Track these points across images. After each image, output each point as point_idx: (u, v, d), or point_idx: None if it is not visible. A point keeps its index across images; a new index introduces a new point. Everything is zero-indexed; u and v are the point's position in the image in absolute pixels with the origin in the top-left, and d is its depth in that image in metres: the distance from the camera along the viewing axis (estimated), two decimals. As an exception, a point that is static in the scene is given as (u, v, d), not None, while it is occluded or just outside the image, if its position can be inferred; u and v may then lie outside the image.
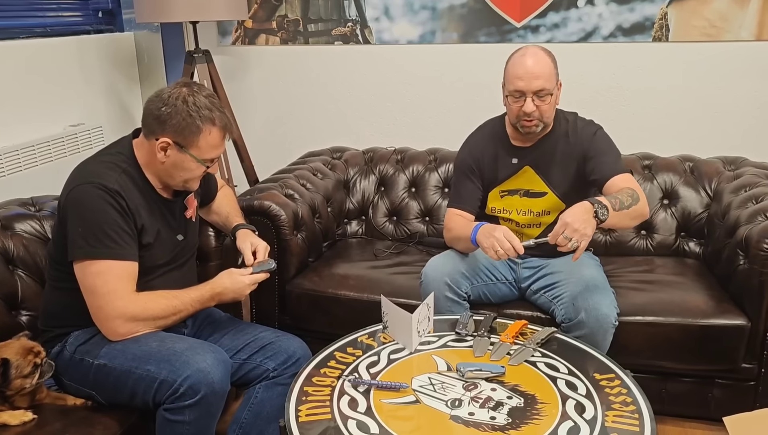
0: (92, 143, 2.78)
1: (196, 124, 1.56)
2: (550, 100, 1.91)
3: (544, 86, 1.87)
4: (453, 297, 1.92)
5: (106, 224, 1.52)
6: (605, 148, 1.95)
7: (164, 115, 1.56)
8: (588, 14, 2.67)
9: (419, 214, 2.66)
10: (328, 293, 2.21)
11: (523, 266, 2.08)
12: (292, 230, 2.27)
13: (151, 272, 1.66)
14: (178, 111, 1.55)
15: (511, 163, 2.04)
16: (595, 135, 1.98)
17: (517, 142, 2.04)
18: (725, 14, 2.53)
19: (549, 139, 2.02)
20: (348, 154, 2.83)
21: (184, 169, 1.61)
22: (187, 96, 1.57)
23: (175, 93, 1.57)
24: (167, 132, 1.57)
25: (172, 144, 1.57)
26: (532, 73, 1.87)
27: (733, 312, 1.95)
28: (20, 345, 1.52)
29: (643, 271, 2.24)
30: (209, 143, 1.59)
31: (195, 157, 1.59)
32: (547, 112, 1.93)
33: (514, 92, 1.91)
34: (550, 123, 1.98)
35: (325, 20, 2.96)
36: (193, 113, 1.55)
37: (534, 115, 1.91)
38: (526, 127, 1.94)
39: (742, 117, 2.62)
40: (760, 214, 2.01)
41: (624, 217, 1.79)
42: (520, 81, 1.88)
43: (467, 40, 2.82)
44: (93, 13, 3.10)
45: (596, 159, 1.94)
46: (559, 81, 1.97)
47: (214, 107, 1.59)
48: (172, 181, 1.64)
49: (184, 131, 1.56)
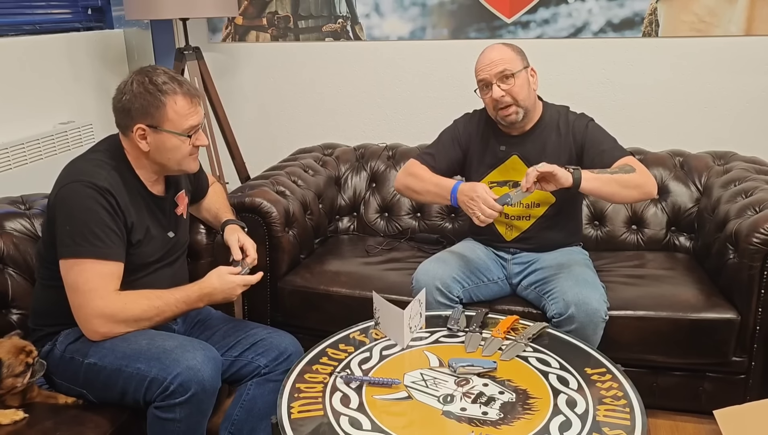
0: (82, 141, 2.76)
1: (158, 99, 1.55)
2: (515, 82, 1.91)
3: (505, 67, 1.90)
4: (445, 302, 1.92)
5: (93, 223, 1.51)
6: (601, 137, 1.96)
7: (126, 103, 1.56)
8: (578, 10, 2.68)
9: (411, 211, 2.66)
10: (320, 290, 2.21)
11: (514, 262, 2.08)
12: (284, 227, 2.26)
13: (142, 269, 1.66)
14: (137, 94, 1.55)
15: (500, 149, 2.04)
16: (587, 126, 1.99)
17: (507, 130, 2.05)
18: (714, 9, 2.54)
19: (539, 130, 2.02)
20: (339, 150, 2.82)
21: (168, 149, 1.59)
22: (141, 78, 1.56)
23: (130, 80, 1.57)
24: (136, 118, 1.56)
25: (146, 128, 1.56)
26: (491, 60, 1.93)
27: (723, 306, 1.96)
28: (12, 344, 1.51)
29: (634, 265, 2.25)
30: (178, 112, 1.57)
31: (172, 131, 1.57)
32: (519, 94, 1.93)
33: (481, 85, 1.96)
34: (529, 108, 1.97)
35: (316, 17, 2.96)
36: (151, 90, 1.54)
37: (505, 101, 1.92)
38: (505, 116, 1.95)
39: (732, 111, 2.63)
40: (750, 209, 2.02)
41: (612, 183, 1.78)
42: (482, 71, 1.94)
43: (457, 36, 2.82)
44: (82, 11, 3.08)
45: (594, 149, 1.95)
46: (531, 67, 1.98)
47: (171, 79, 1.57)
48: (167, 167, 1.63)
49: (150, 109, 1.55)
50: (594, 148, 1.95)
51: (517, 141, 2.04)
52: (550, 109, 2.04)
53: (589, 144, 1.96)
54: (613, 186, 1.80)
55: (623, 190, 1.81)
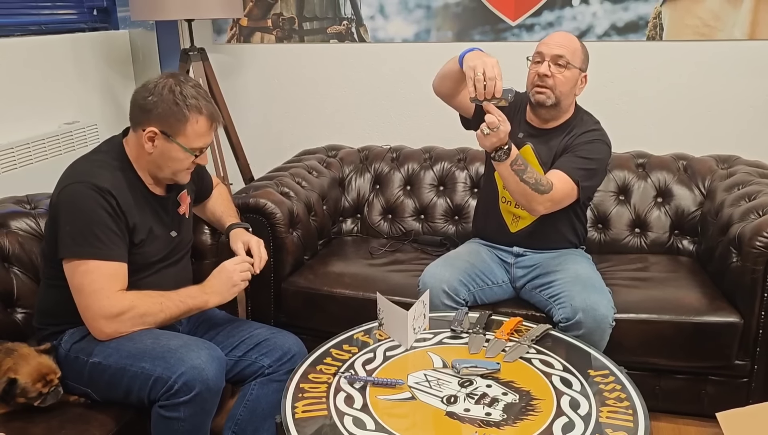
0: (87, 141, 2.78)
1: (182, 112, 1.56)
2: (565, 72, 1.92)
3: (564, 54, 1.92)
4: (451, 304, 1.93)
5: (95, 224, 1.52)
6: (583, 152, 1.93)
7: (150, 104, 1.56)
8: (582, 13, 2.68)
9: (414, 213, 2.67)
10: (324, 291, 2.21)
11: (517, 266, 2.08)
12: (288, 228, 2.27)
13: (146, 269, 1.66)
14: (164, 99, 1.55)
15: (517, 135, 2.04)
16: (589, 141, 1.96)
17: (532, 120, 2.06)
18: (718, 13, 2.54)
19: (559, 132, 2.01)
20: (343, 152, 2.83)
21: (171, 159, 1.60)
22: (174, 85, 1.57)
23: (161, 83, 1.57)
24: (153, 121, 1.57)
25: (158, 133, 1.57)
26: (556, 41, 1.94)
27: (726, 309, 1.96)
28: (37, 367, 1.50)
29: (637, 268, 2.25)
30: (196, 131, 1.59)
31: (182, 145, 1.58)
32: (562, 85, 1.93)
33: (535, 56, 1.97)
34: (562, 104, 1.97)
35: (321, 18, 2.97)
36: (179, 102, 1.55)
37: (547, 82, 1.92)
38: (537, 92, 1.95)
39: (735, 116, 2.63)
40: (753, 212, 2.02)
41: (514, 178, 1.79)
42: (543, 45, 1.96)
43: (462, 38, 2.82)
44: (88, 11, 3.09)
45: (565, 153, 1.95)
46: (586, 74, 1.99)
47: (200, 96, 1.59)
48: (161, 172, 1.64)
49: (170, 119, 1.56)
50: (567, 151, 1.95)
51: (536, 133, 2.04)
52: (578, 117, 2.04)
53: (570, 148, 1.96)
54: (512, 183, 1.81)
55: (517, 188, 1.82)
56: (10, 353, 1.51)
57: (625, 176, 2.49)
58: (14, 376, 1.47)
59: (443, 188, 2.66)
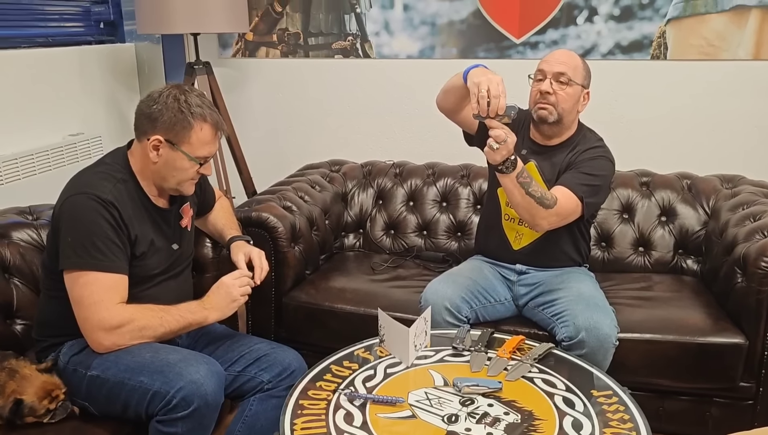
0: (91, 153, 2.78)
1: (187, 120, 1.56)
2: (567, 89, 1.92)
3: (566, 71, 1.92)
4: (453, 322, 1.91)
5: (96, 236, 1.51)
6: (586, 168, 1.92)
7: (155, 112, 1.57)
8: (587, 31, 2.69)
9: (417, 228, 2.66)
10: (325, 306, 2.20)
11: (520, 284, 2.07)
12: (290, 242, 2.26)
13: (147, 282, 1.66)
14: (169, 108, 1.56)
15: (521, 152, 2.03)
16: (592, 157, 1.95)
17: (535, 137, 2.05)
18: (723, 33, 2.55)
19: (562, 149, 2.01)
20: (346, 167, 2.83)
21: (176, 168, 1.60)
22: (178, 94, 1.58)
23: (166, 92, 1.59)
24: (158, 130, 1.57)
25: (163, 142, 1.57)
26: (557, 59, 1.95)
27: (730, 330, 1.94)
28: (42, 385, 1.50)
29: (641, 287, 2.23)
30: (201, 139, 1.59)
31: (187, 154, 1.58)
32: (564, 102, 1.93)
33: (537, 73, 1.97)
34: (565, 121, 1.97)
35: (326, 34, 2.98)
36: (184, 110, 1.56)
37: (549, 99, 1.92)
38: (541, 108, 1.94)
39: (740, 135, 2.63)
40: (758, 232, 2.01)
41: (519, 191, 1.78)
42: (545, 63, 1.96)
43: (466, 55, 2.83)
44: (95, 24, 3.11)
45: (569, 169, 1.95)
46: (588, 91, 1.99)
47: (204, 105, 1.60)
48: (166, 183, 1.64)
49: (175, 127, 1.56)
50: (571, 167, 1.95)
51: (539, 150, 2.04)
52: (581, 134, 2.03)
53: (575, 165, 1.95)
54: (517, 195, 1.79)
55: (522, 202, 1.80)
56: (13, 375, 1.50)
57: (629, 195, 2.49)
58: (20, 397, 1.46)
59: (446, 204, 2.66)
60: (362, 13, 2.91)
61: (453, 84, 1.94)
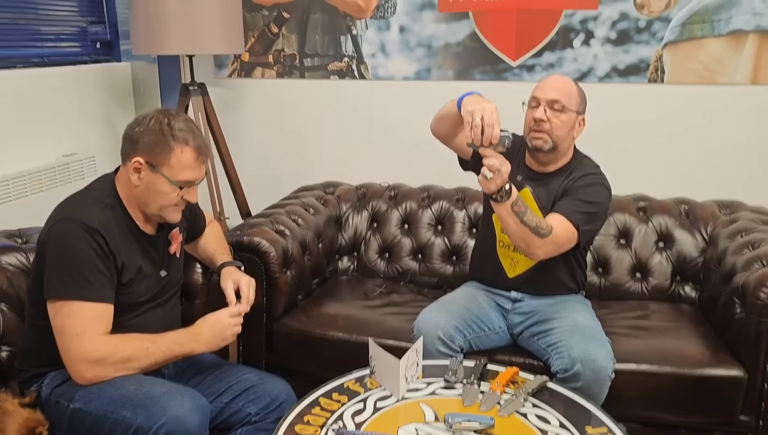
0: (84, 174, 2.76)
1: (167, 142, 1.54)
2: (561, 116, 1.90)
3: (559, 98, 1.90)
4: (447, 351, 1.88)
5: (82, 264, 1.48)
6: (583, 196, 1.89)
7: (137, 134, 1.56)
8: (583, 55, 2.68)
9: (411, 252, 2.63)
10: (316, 334, 2.16)
11: (515, 313, 2.04)
12: (282, 268, 2.23)
13: (134, 310, 1.62)
14: (151, 130, 1.55)
15: (516, 178, 2.01)
16: (588, 184, 1.92)
17: (530, 164, 2.03)
18: (720, 57, 2.53)
19: (558, 176, 1.99)
20: (341, 189, 2.80)
21: (157, 192, 1.57)
22: (163, 118, 1.56)
23: (151, 115, 1.58)
24: (139, 151, 1.55)
25: (144, 164, 1.55)
26: (551, 85, 1.93)
27: (729, 362, 1.90)
28: (24, 422, 1.46)
29: (638, 316, 2.20)
30: (181, 162, 1.56)
31: (167, 177, 1.56)
32: (558, 129, 1.90)
33: (530, 100, 1.95)
34: (560, 148, 1.94)
35: (322, 55, 2.97)
36: (166, 132, 1.54)
37: (543, 127, 1.90)
38: (533, 137, 1.92)
39: (738, 160, 2.60)
40: (757, 261, 1.97)
41: (514, 219, 1.75)
42: (538, 90, 1.94)
43: (462, 77, 2.82)
44: (91, 44, 3.10)
45: (565, 196, 1.92)
46: (583, 117, 1.97)
47: (189, 129, 1.58)
48: (148, 208, 1.60)
49: (156, 149, 1.54)
50: (566, 195, 1.92)
51: (535, 177, 2.01)
52: (577, 160, 2.01)
53: (570, 192, 1.92)
54: (512, 224, 1.77)
55: (518, 231, 1.77)
56: None
57: (625, 220, 2.46)
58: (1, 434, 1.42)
59: (441, 228, 2.63)
60: (358, 35, 2.90)
61: (447, 111, 1.92)
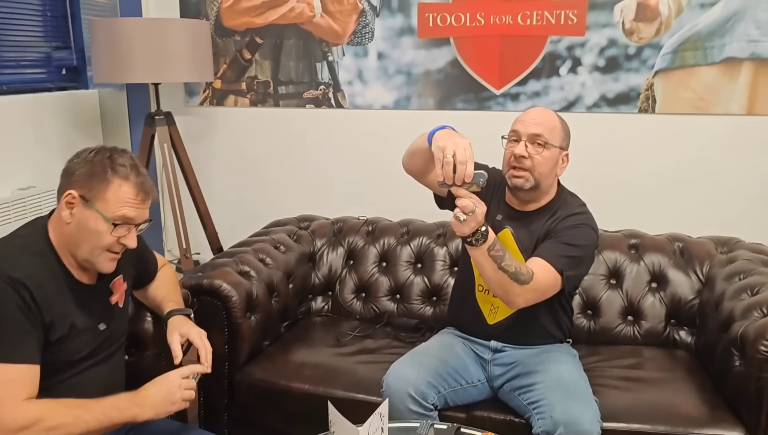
0: (42, 207, 2.60)
1: (104, 175, 1.39)
2: (543, 152, 1.75)
3: (542, 133, 1.75)
4: (419, 410, 1.71)
5: (1, 320, 1.32)
6: (567, 238, 1.75)
7: (74, 166, 1.41)
8: (570, 83, 2.55)
9: (389, 292, 2.47)
10: (280, 385, 1.99)
11: (495, 364, 1.87)
12: (245, 313, 2.07)
13: (68, 369, 1.45)
14: (89, 162, 1.41)
15: (495, 217, 1.87)
16: (573, 225, 1.78)
17: (511, 201, 1.89)
18: (714, 87, 2.40)
19: (540, 215, 1.84)
20: (316, 224, 2.64)
21: (90, 231, 1.41)
22: (105, 152, 1.42)
23: (93, 148, 1.44)
24: (73, 184, 1.40)
25: (77, 197, 1.40)
26: (533, 119, 1.79)
27: (728, 420, 1.74)
28: None
29: (629, 365, 2.03)
30: (119, 197, 1.40)
31: (101, 213, 1.39)
32: (540, 166, 1.76)
33: (510, 134, 1.80)
34: (542, 186, 1.80)
35: (296, 82, 2.83)
36: (105, 165, 1.40)
37: (525, 164, 1.76)
38: (514, 176, 1.78)
39: (734, 194, 2.46)
40: (757, 309, 1.81)
41: (491, 265, 1.60)
42: (519, 123, 1.80)
43: (444, 106, 2.68)
44: (56, 70, 2.96)
45: (548, 238, 1.77)
46: (567, 153, 1.83)
47: (131, 166, 1.43)
48: (79, 251, 1.44)
49: (91, 181, 1.39)
50: (549, 237, 1.78)
51: (516, 216, 1.87)
52: (561, 198, 1.87)
53: (553, 234, 1.78)
54: (490, 270, 1.61)
55: (495, 277, 1.62)
56: None
57: (616, 258, 2.30)
58: None
59: (420, 266, 2.47)
60: (335, 61, 2.77)
61: (418, 146, 1.77)
